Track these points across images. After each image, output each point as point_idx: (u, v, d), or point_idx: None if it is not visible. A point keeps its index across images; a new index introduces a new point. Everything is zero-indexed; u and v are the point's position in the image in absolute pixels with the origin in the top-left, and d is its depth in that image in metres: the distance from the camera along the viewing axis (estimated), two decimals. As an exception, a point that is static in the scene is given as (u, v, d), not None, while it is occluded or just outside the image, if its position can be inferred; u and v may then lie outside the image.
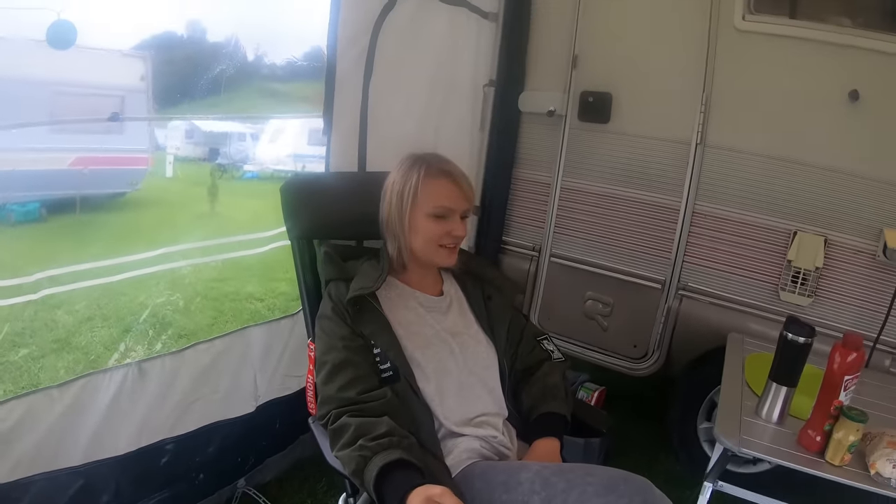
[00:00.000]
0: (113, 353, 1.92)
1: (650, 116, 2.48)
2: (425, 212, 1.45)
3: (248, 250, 3.17)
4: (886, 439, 1.39)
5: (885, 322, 2.05)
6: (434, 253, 1.47)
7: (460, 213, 1.47)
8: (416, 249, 1.48)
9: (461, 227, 1.47)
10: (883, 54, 2.04)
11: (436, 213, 1.44)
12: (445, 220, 1.45)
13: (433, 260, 1.49)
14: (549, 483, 1.19)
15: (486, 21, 2.60)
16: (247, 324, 2.06)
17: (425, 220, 1.45)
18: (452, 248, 1.48)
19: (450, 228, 1.45)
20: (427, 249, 1.47)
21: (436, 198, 1.45)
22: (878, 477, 1.36)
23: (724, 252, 2.39)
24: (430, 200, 1.44)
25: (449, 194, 1.45)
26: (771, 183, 2.27)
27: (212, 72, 2.63)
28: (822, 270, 2.22)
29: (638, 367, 2.62)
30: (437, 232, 1.45)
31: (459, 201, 1.46)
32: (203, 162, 4.65)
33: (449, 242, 1.46)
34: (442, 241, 1.46)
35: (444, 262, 1.50)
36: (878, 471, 1.36)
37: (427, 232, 1.45)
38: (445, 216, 1.45)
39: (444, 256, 1.48)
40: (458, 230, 1.46)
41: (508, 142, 2.78)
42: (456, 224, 1.46)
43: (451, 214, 1.45)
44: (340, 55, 2.02)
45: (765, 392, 1.59)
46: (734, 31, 2.26)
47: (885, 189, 2.10)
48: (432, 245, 1.46)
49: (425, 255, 1.48)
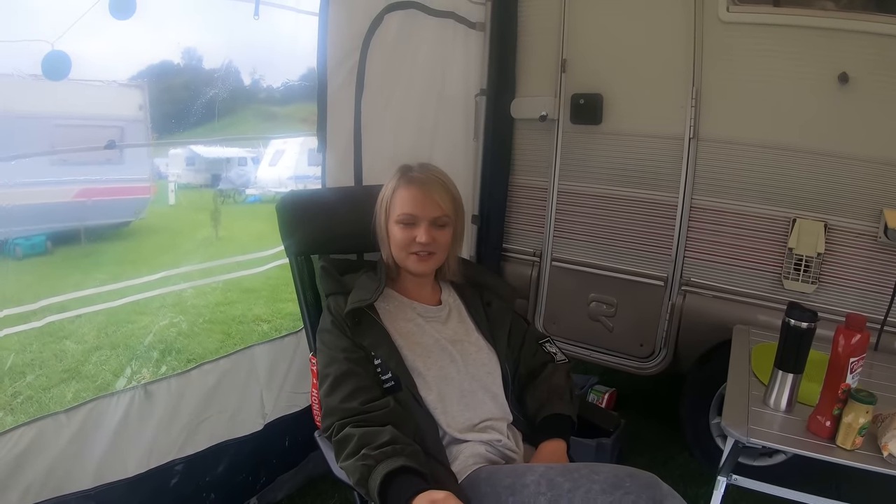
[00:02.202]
0: (120, 378, 1.94)
1: (642, 114, 2.48)
2: (394, 219, 1.49)
3: (249, 270, 3.19)
4: (896, 419, 1.38)
5: (891, 304, 2.02)
6: (405, 259, 1.50)
7: (428, 220, 1.47)
8: (395, 257, 1.51)
9: (425, 234, 1.46)
10: (869, 35, 2.04)
11: (401, 221, 1.48)
12: (412, 228, 1.47)
13: (406, 266, 1.51)
14: (554, 483, 1.18)
15: (474, 31, 2.62)
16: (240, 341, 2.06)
17: (394, 227, 1.49)
18: (423, 255, 1.48)
19: (414, 235, 1.47)
20: (400, 256, 1.50)
21: (401, 205, 1.48)
22: (891, 458, 1.35)
23: (725, 245, 2.38)
24: (398, 208, 1.49)
25: (414, 201, 1.48)
26: (766, 172, 2.26)
27: (209, 98, 2.67)
28: (825, 256, 2.20)
29: (646, 366, 2.60)
30: (404, 239, 1.48)
31: (424, 208, 1.47)
32: (205, 188, 4.70)
33: (417, 249, 1.47)
34: (411, 249, 1.48)
35: (414, 269, 1.51)
36: (890, 452, 1.35)
37: (395, 239, 1.49)
38: (411, 223, 1.47)
39: (413, 263, 1.49)
40: (421, 236, 1.46)
41: (503, 149, 2.79)
42: (420, 231, 1.47)
43: (417, 221, 1.47)
44: (331, 73, 2.05)
45: (771, 380, 1.58)
46: (719, 23, 2.26)
47: (882, 169, 2.08)
48: (403, 252, 1.49)
49: (400, 262, 1.51)
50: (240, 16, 1.94)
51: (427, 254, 1.49)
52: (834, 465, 1.40)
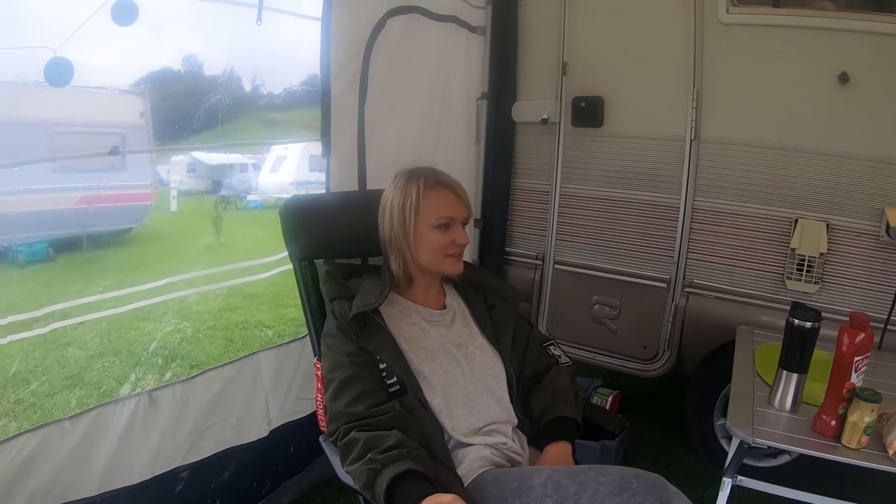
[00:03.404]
0: (124, 385, 1.94)
1: (643, 116, 2.50)
2: (429, 224, 1.47)
3: (252, 276, 3.19)
4: (902, 418, 1.37)
5: (894, 302, 2.03)
6: (441, 263, 1.49)
7: (461, 220, 1.50)
8: (424, 262, 1.49)
9: (464, 235, 1.49)
10: (868, 34, 2.05)
11: (439, 224, 1.47)
12: (449, 230, 1.47)
13: (441, 269, 1.51)
14: (560, 486, 1.18)
15: (475, 35, 2.64)
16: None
17: (430, 231, 1.47)
18: (458, 255, 1.50)
19: (454, 237, 1.47)
20: (434, 260, 1.49)
21: (438, 209, 1.47)
22: (896, 458, 1.34)
23: (727, 246, 2.39)
24: (433, 212, 1.47)
25: (449, 204, 1.48)
26: (768, 172, 2.27)
27: (210, 104, 2.67)
28: (827, 256, 2.20)
29: (650, 368, 2.60)
30: (443, 242, 1.47)
31: (459, 209, 1.49)
32: (207, 195, 4.71)
33: (454, 251, 1.48)
34: (448, 251, 1.48)
35: (451, 270, 1.51)
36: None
37: (433, 243, 1.47)
38: (448, 225, 1.47)
39: (450, 265, 1.50)
40: (461, 238, 1.48)
41: (504, 153, 2.80)
42: (459, 232, 1.48)
43: (454, 223, 1.48)
44: (334, 78, 2.07)
45: (776, 380, 1.58)
46: (719, 25, 2.28)
47: (883, 168, 2.09)
48: (439, 255, 1.48)
49: (433, 266, 1.50)
50: (241, 22, 1.94)
51: (460, 254, 1.50)
52: (839, 466, 1.40)
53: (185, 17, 2.16)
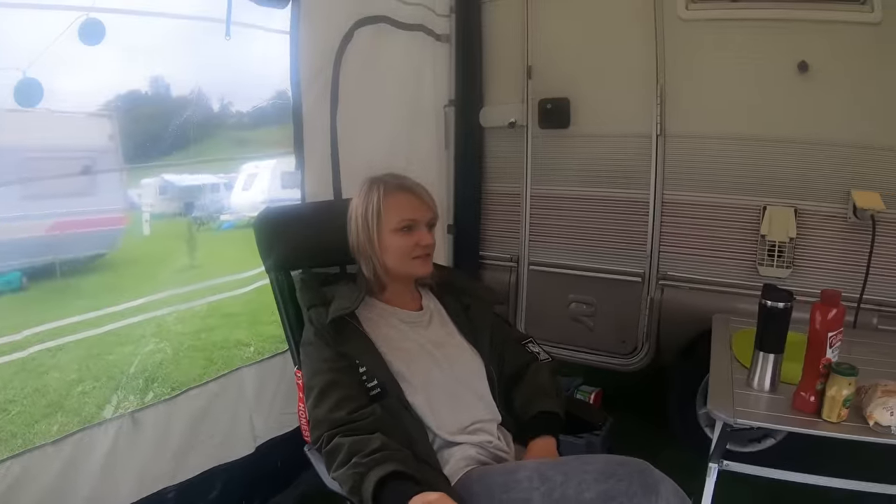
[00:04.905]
0: (105, 408, 1.92)
1: (609, 115, 2.55)
2: (391, 228, 1.49)
3: (228, 292, 3.15)
4: (880, 389, 1.41)
5: (865, 281, 2.10)
6: (408, 266, 1.50)
7: (425, 222, 1.51)
8: (392, 266, 1.51)
9: (428, 236, 1.51)
10: (824, 23, 2.14)
11: (401, 227, 1.48)
12: (412, 232, 1.49)
13: (409, 272, 1.52)
14: (546, 477, 1.19)
15: (441, 43, 2.68)
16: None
17: (393, 235, 1.49)
18: (425, 257, 1.51)
19: (417, 239, 1.49)
20: (401, 264, 1.50)
21: (398, 212, 1.49)
22: (877, 427, 1.38)
23: (699, 237, 2.44)
24: (394, 216, 1.48)
25: (410, 206, 1.50)
26: (734, 163, 2.33)
27: (179, 125, 2.67)
28: (797, 240, 2.27)
29: (629, 363, 2.64)
30: (407, 245, 1.48)
31: (422, 211, 1.50)
32: (179, 217, 4.65)
33: (420, 253, 1.49)
34: (413, 253, 1.49)
35: (419, 271, 1.52)
36: (876, 420, 1.38)
37: (397, 247, 1.49)
38: (411, 227, 1.49)
39: (418, 266, 1.51)
40: (425, 239, 1.49)
41: (474, 158, 2.83)
42: (423, 234, 1.50)
43: (417, 225, 1.49)
44: (305, 90, 2.08)
45: (753, 362, 1.61)
46: (679, 22, 2.35)
47: (846, 152, 2.17)
48: (405, 259, 1.49)
49: (401, 270, 1.51)
50: (209, 41, 1.95)
51: (427, 255, 1.51)
52: (822, 445, 1.43)
53: (153, 37, 2.15)
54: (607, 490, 1.13)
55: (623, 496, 1.12)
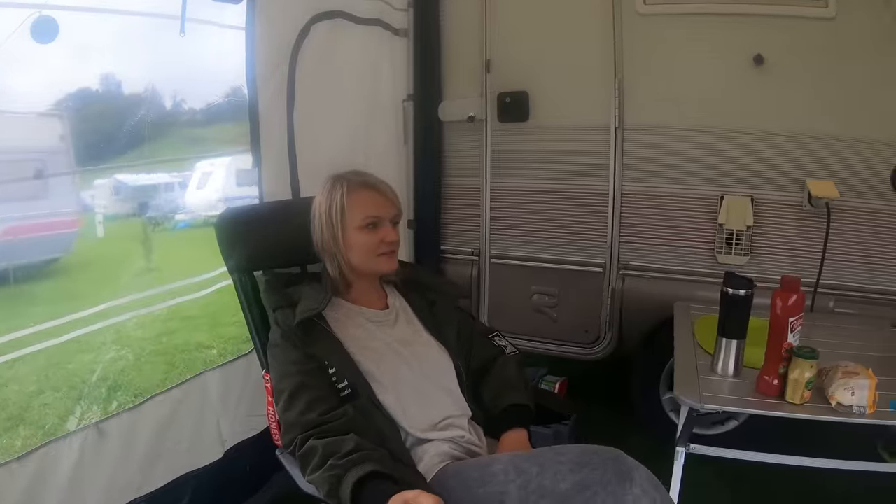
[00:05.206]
0: (68, 420, 1.86)
1: (567, 108, 2.57)
2: (355, 225, 1.49)
3: (187, 295, 3.07)
4: (840, 370, 1.47)
5: (821, 266, 2.18)
6: (374, 263, 1.50)
7: (389, 219, 1.51)
8: (357, 264, 1.51)
9: (393, 233, 1.51)
10: (779, 17, 2.21)
11: (366, 224, 1.48)
12: (376, 229, 1.49)
13: (374, 269, 1.52)
14: (522, 469, 1.20)
15: (398, 37, 2.65)
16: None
17: (357, 233, 1.49)
18: (390, 253, 1.51)
19: (382, 236, 1.49)
20: (366, 261, 1.50)
21: (363, 209, 1.49)
22: (839, 407, 1.43)
23: (658, 227, 2.49)
24: (358, 213, 1.49)
25: (374, 203, 1.50)
26: (692, 154, 2.38)
27: (131, 124, 2.59)
28: (754, 228, 2.34)
29: (593, 352, 2.68)
30: (372, 242, 1.49)
31: (385, 208, 1.51)
32: (134, 217, 4.50)
33: (385, 250, 1.50)
34: (379, 250, 1.49)
35: (384, 268, 1.53)
36: (838, 401, 1.43)
37: (362, 244, 1.49)
38: (375, 224, 1.49)
39: (383, 263, 1.52)
40: (390, 236, 1.50)
41: (433, 152, 2.82)
42: (387, 231, 1.50)
43: (381, 222, 1.50)
44: (261, 87, 2.03)
45: (717, 348, 1.65)
46: (637, 16, 2.39)
47: (801, 142, 2.24)
48: (370, 256, 1.50)
49: (366, 267, 1.51)
50: (163, 37, 1.90)
51: (392, 252, 1.52)
52: (784, 425, 1.48)
53: (106, 34, 2.08)
54: (582, 479, 1.14)
55: (598, 485, 1.13)
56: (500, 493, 1.19)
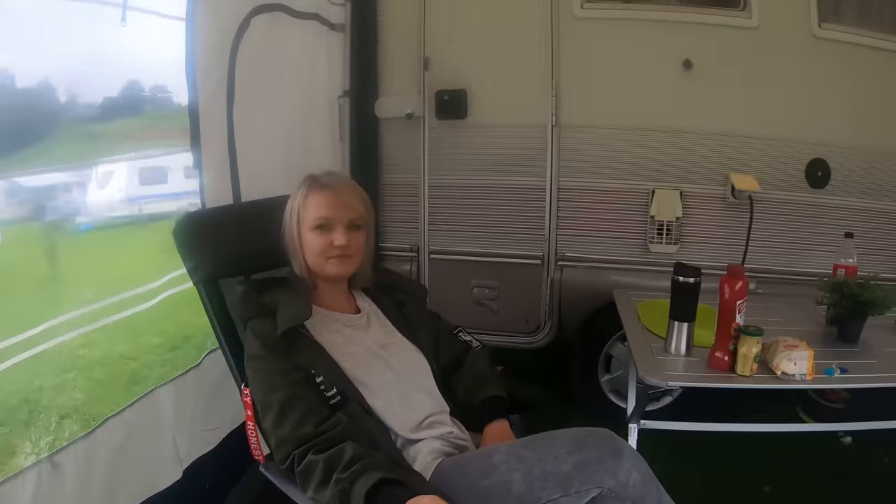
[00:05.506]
0: (19, 455, 1.65)
1: (505, 106, 2.63)
2: (308, 226, 1.48)
3: (99, 303, 2.78)
4: (781, 345, 1.64)
5: (745, 252, 2.42)
6: (323, 266, 1.49)
7: (343, 222, 1.48)
8: (311, 265, 1.50)
9: (342, 237, 1.47)
10: (706, 25, 2.41)
11: (316, 225, 1.47)
12: (327, 232, 1.47)
13: (322, 272, 1.50)
14: (522, 457, 1.24)
15: (335, 32, 2.59)
16: (128, 386, 1.85)
17: (309, 233, 1.48)
18: (340, 257, 1.49)
19: (331, 239, 1.47)
20: (316, 263, 1.49)
21: (315, 210, 1.48)
22: (784, 376, 1.60)
23: (593, 219, 2.63)
24: (311, 213, 1.48)
25: (327, 204, 1.48)
26: (625, 151, 2.54)
27: (25, 121, 2.33)
28: (683, 219, 2.53)
29: (533, 340, 2.78)
30: (320, 244, 1.47)
31: (338, 210, 1.48)
32: (32, 222, 3.99)
33: (334, 253, 1.48)
34: (328, 253, 1.48)
35: (333, 272, 1.50)
36: (783, 371, 1.60)
37: (312, 245, 1.48)
38: (326, 227, 1.47)
39: (332, 267, 1.49)
40: (338, 239, 1.47)
41: (369, 150, 2.79)
42: (338, 233, 1.47)
43: (332, 224, 1.48)
44: (201, 82, 1.90)
45: (669, 331, 1.77)
46: (574, 20, 2.50)
47: (725, 140, 2.47)
48: (321, 258, 1.48)
49: (317, 269, 1.50)
50: (63, 30, 1.74)
51: (345, 256, 1.48)
52: (712, 398, 1.64)
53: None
54: (581, 460, 1.19)
55: (595, 463, 1.19)
56: (505, 482, 1.22)
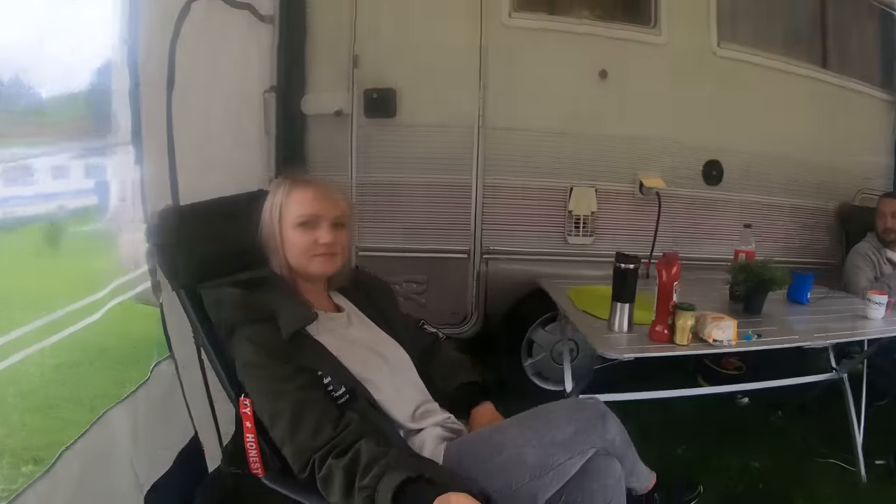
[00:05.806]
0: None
1: (434, 106, 2.71)
2: (291, 223, 1.46)
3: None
4: (710, 317, 1.91)
5: (654, 242, 2.74)
6: (307, 264, 1.47)
7: (328, 219, 1.47)
8: (293, 264, 1.47)
9: (328, 234, 1.46)
10: (619, 39, 2.69)
11: (301, 222, 1.45)
12: (312, 229, 1.45)
13: (307, 271, 1.48)
14: (529, 428, 1.35)
15: (264, 24, 2.48)
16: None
17: (293, 231, 1.46)
18: (326, 255, 1.47)
19: (317, 236, 1.45)
20: (300, 262, 1.46)
21: (299, 206, 1.46)
22: (716, 342, 1.87)
23: (516, 215, 2.80)
24: (295, 210, 1.46)
25: (312, 201, 1.47)
26: (545, 152, 2.75)
27: None
28: (597, 214, 2.80)
29: (461, 331, 2.89)
30: (305, 242, 1.45)
31: (324, 206, 1.47)
32: None
33: (319, 251, 1.46)
34: (313, 251, 1.46)
35: (318, 270, 1.49)
36: (715, 338, 1.87)
37: (296, 243, 1.46)
38: (310, 224, 1.45)
39: (317, 265, 1.48)
40: (324, 237, 1.45)
41: (295, 147, 2.71)
42: (323, 231, 1.46)
43: (317, 221, 1.46)
44: (143, 69, 1.75)
45: (612, 311, 1.98)
46: (502, 27, 2.65)
47: (634, 143, 2.77)
48: (305, 256, 1.46)
49: (301, 268, 1.47)
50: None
51: (330, 254, 1.47)
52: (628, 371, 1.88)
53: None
54: (578, 426, 1.33)
55: (590, 428, 1.34)
56: (518, 454, 1.30)
